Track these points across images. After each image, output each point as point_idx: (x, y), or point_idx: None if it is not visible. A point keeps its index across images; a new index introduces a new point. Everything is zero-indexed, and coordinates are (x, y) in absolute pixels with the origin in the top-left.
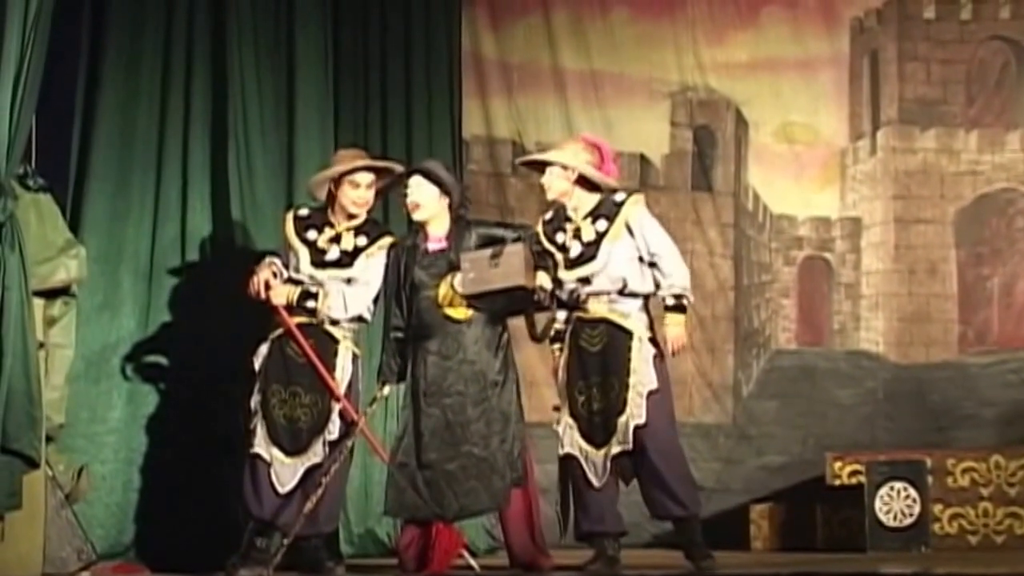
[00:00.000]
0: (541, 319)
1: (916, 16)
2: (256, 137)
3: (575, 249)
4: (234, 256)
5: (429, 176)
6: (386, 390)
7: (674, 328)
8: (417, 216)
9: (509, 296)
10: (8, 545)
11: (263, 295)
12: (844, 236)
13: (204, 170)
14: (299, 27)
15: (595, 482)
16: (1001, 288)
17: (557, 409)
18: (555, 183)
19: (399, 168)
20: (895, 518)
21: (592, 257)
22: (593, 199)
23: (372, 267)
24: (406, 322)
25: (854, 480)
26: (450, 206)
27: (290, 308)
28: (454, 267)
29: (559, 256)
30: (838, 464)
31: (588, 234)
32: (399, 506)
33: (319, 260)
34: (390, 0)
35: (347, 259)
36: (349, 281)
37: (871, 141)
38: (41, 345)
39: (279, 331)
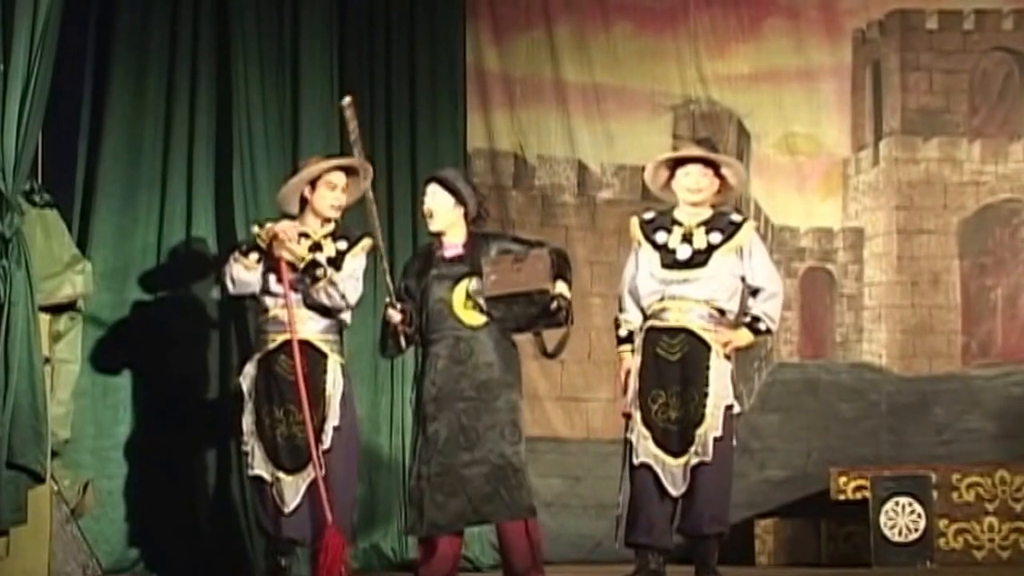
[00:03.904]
0: (553, 336)
1: (918, 27)
2: (261, 153)
3: (683, 251)
4: None
5: (444, 184)
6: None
7: (739, 337)
8: (433, 226)
9: (529, 301)
10: (14, 560)
11: (273, 242)
12: (846, 247)
13: (209, 186)
14: (304, 43)
15: (673, 492)
16: (1005, 299)
17: (628, 416)
18: (709, 186)
19: (368, 167)
20: (900, 533)
21: (703, 263)
22: (707, 211)
23: (358, 266)
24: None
25: (859, 495)
26: (466, 216)
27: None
28: (471, 273)
29: (656, 255)
30: (843, 479)
31: (700, 241)
32: (421, 524)
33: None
34: (394, 15)
35: (332, 264)
36: None
37: (873, 151)
38: (47, 360)
39: (266, 349)
